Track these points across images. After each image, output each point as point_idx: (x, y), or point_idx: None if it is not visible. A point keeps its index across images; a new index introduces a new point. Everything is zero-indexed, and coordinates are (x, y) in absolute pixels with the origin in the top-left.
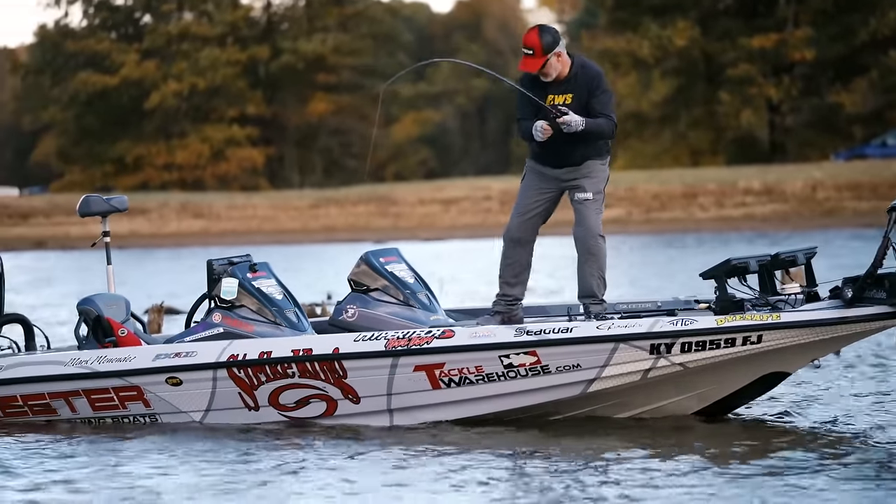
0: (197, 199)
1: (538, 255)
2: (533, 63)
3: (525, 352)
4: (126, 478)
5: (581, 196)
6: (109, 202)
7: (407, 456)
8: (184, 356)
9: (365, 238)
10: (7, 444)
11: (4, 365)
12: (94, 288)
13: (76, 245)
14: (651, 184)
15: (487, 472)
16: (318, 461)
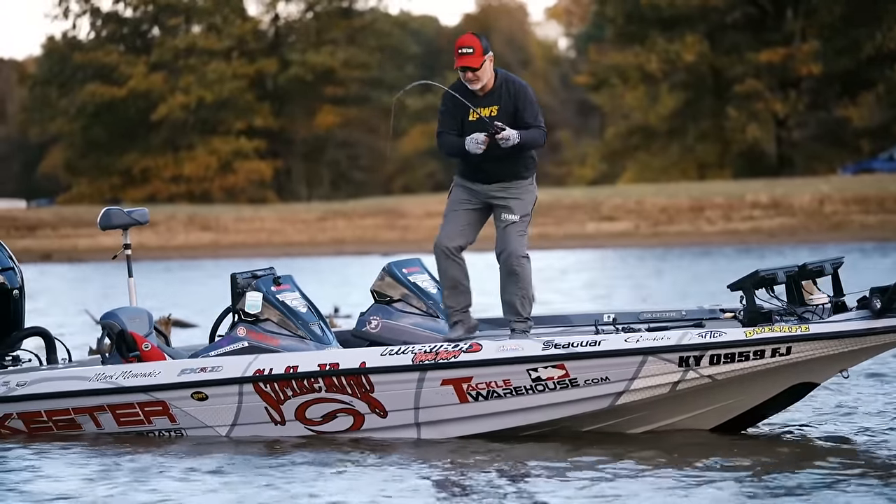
0: (204, 212)
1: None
2: (473, 59)
3: (553, 365)
4: (151, 494)
5: (508, 217)
6: (130, 215)
7: (431, 470)
8: (209, 371)
9: (373, 251)
10: (32, 459)
11: (28, 380)
12: (102, 300)
13: (83, 257)
14: (658, 197)
15: (513, 485)
16: (344, 476)
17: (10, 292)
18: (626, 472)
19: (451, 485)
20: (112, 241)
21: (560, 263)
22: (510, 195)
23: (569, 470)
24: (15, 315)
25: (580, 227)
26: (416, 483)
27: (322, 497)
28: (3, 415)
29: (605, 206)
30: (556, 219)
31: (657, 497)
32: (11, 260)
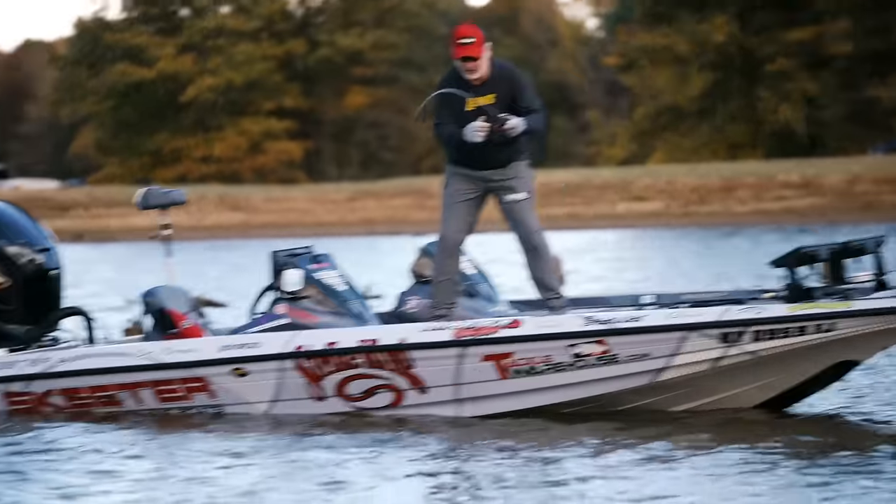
0: (235, 192)
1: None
2: (474, 49)
3: (594, 341)
4: (192, 471)
5: (514, 197)
6: (169, 195)
7: (470, 447)
8: (249, 347)
9: (403, 231)
10: (72, 436)
11: (69, 357)
12: (134, 279)
13: (115, 237)
14: (689, 177)
15: (550, 463)
16: (383, 453)
17: (48, 272)
18: (664, 451)
19: (487, 462)
20: (144, 222)
21: (591, 244)
22: (509, 177)
23: (607, 449)
24: (54, 294)
25: (610, 207)
26: (452, 461)
27: (360, 474)
28: (45, 391)
29: (635, 186)
30: (585, 199)
31: (696, 477)
32: (49, 240)
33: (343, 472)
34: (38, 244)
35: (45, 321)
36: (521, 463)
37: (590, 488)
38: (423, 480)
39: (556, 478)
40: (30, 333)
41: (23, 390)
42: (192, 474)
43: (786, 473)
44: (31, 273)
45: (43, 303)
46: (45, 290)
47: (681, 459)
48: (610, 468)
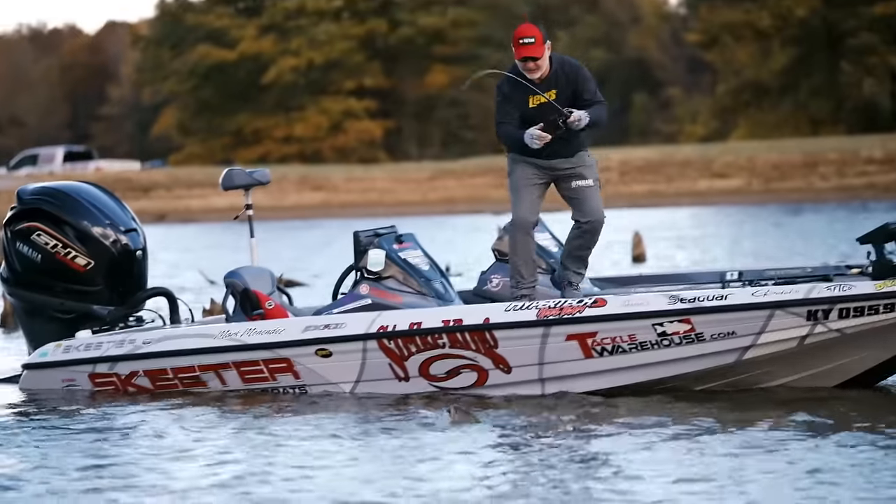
0: (316, 172)
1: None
2: (535, 49)
3: (679, 320)
4: (278, 452)
5: (583, 183)
6: (252, 175)
7: (553, 427)
8: (333, 328)
9: (484, 210)
10: (158, 417)
11: (154, 338)
12: (215, 260)
13: (196, 218)
14: (771, 153)
15: (633, 442)
16: (466, 433)
17: (133, 253)
18: (749, 430)
19: (571, 441)
20: (224, 202)
21: (672, 221)
22: (576, 165)
23: (692, 429)
24: (138, 275)
25: (691, 184)
26: (535, 439)
27: (443, 452)
28: (130, 372)
29: (716, 163)
30: (666, 176)
31: (778, 456)
32: (134, 221)
33: (424, 452)
34: (124, 225)
35: (130, 302)
36: (599, 441)
37: (667, 468)
38: (502, 459)
39: (636, 457)
40: (114, 314)
41: (108, 371)
42: (276, 456)
43: (869, 451)
44: (116, 254)
45: (128, 284)
46: (129, 271)
47: (761, 437)
48: (689, 447)
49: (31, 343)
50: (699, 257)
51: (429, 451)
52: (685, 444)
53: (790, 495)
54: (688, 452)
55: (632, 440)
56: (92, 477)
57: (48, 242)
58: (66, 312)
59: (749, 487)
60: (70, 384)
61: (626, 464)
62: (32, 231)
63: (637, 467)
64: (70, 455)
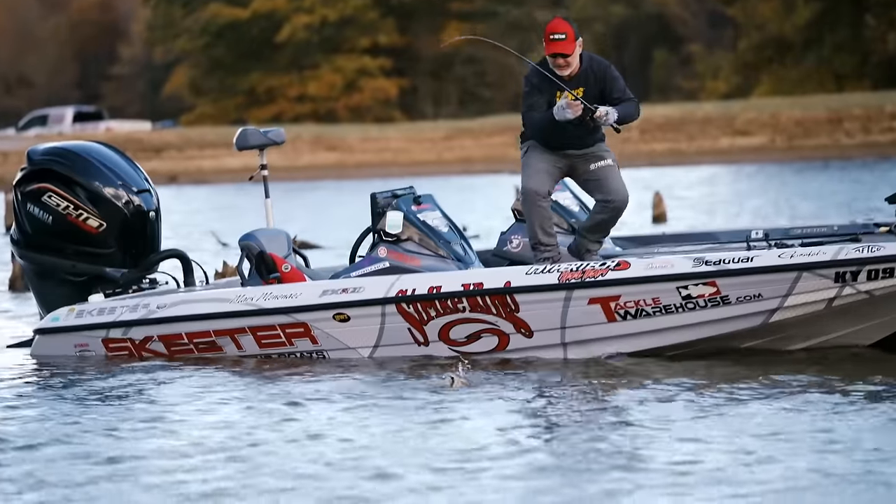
0: (330, 132)
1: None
2: (566, 45)
3: (704, 282)
4: (295, 417)
5: (602, 163)
6: (267, 135)
7: (574, 391)
8: (351, 292)
9: (502, 170)
10: (174, 382)
11: (168, 302)
12: (228, 221)
13: (208, 179)
14: (794, 110)
15: (656, 405)
16: (487, 398)
17: (146, 214)
18: (777, 393)
19: (591, 405)
20: (237, 163)
21: (694, 179)
22: (592, 151)
23: (716, 390)
24: (152, 237)
25: (713, 142)
26: (554, 403)
27: (468, 417)
28: (144, 337)
29: (738, 120)
30: (687, 134)
31: (804, 418)
32: (147, 181)
33: (442, 416)
34: (136, 185)
35: (144, 264)
36: (619, 405)
37: (686, 430)
38: (522, 423)
39: (658, 420)
40: (127, 277)
41: (122, 336)
42: (293, 423)
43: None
44: (128, 215)
45: (141, 245)
46: (142, 233)
47: (786, 398)
48: (714, 411)
49: (43, 307)
50: (721, 217)
51: (447, 416)
52: (709, 408)
53: (823, 462)
54: (712, 416)
55: (654, 404)
56: (106, 444)
57: (59, 204)
58: (77, 275)
59: (774, 451)
60: (83, 350)
61: (646, 427)
62: (43, 192)
63: (658, 431)
64: (84, 421)
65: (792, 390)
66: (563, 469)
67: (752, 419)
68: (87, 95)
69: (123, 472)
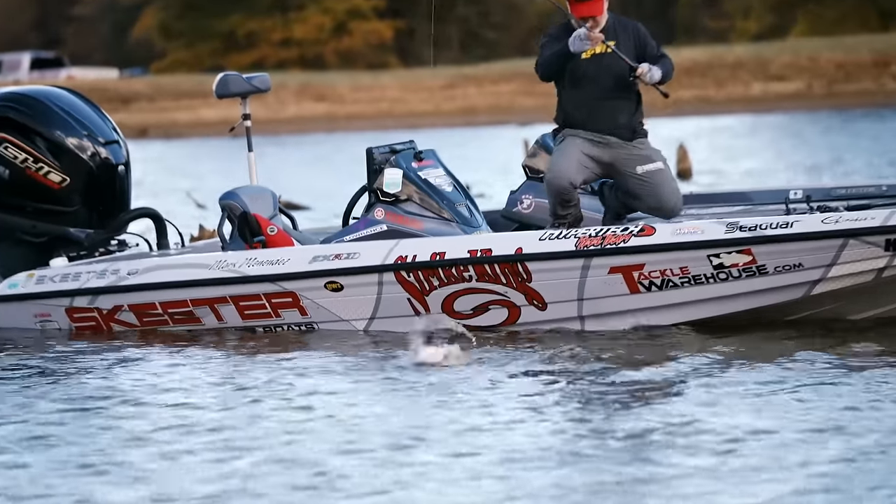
0: (318, 80)
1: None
2: (596, 6)
3: (738, 250)
4: (281, 395)
5: (652, 166)
6: (250, 81)
7: (591, 368)
8: (345, 258)
9: (509, 121)
10: (145, 357)
11: (141, 268)
12: (205, 179)
13: (183, 133)
14: (835, 52)
15: (685, 384)
16: (492, 374)
17: (115, 168)
18: (808, 367)
19: (609, 385)
20: (214, 114)
21: (723, 130)
22: (643, 147)
23: (755, 365)
24: (121, 194)
25: (744, 89)
26: (569, 379)
27: (463, 393)
28: (114, 307)
29: (773, 64)
30: (716, 80)
31: (847, 396)
32: (116, 132)
33: (442, 394)
34: (104, 136)
35: (112, 224)
36: (641, 384)
37: (719, 411)
38: (535, 402)
39: (686, 397)
40: (93, 238)
41: (87, 306)
42: (278, 401)
43: None
44: (95, 169)
45: (108, 203)
46: (110, 189)
47: (823, 374)
48: (747, 388)
49: None
50: (754, 173)
51: (447, 393)
52: (744, 386)
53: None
54: (745, 395)
55: (679, 382)
56: (71, 426)
57: (17, 156)
58: (38, 236)
59: (807, 425)
60: (44, 320)
61: (672, 407)
62: None
63: (686, 411)
64: (47, 401)
65: (837, 368)
66: (581, 457)
67: (795, 400)
68: (45, 40)
69: (87, 462)
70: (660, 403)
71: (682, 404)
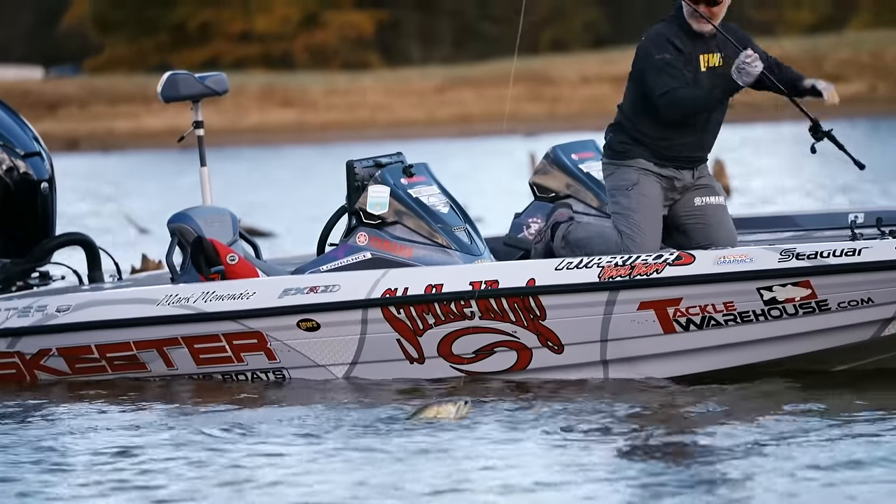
0: (285, 82)
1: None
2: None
3: (794, 282)
4: (243, 464)
5: (713, 200)
6: (203, 82)
7: (614, 428)
8: (322, 291)
9: (512, 130)
10: (76, 413)
11: (73, 304)
12: (149, 200)
13: (121, 144)
14: None
15: (732, 456)
16: (505, 437)
17: (36, 185)
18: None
19: (643, 443)
20: (160, 123)
21: (768, 141)
22: (704, 181)
23: (814, 427)
24: (44, 216)
25: None
26: (588, 441)
27: (467, 457)
28: (39, 351)
29: (828, 62)
30: None
31: None
32: (37, 142)
33: (441, 458)
34: (23, 147)
35: (33, 253)
36: (681, 445)
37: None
38: (546, 464)
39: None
40: (10, 269)
41: (6, 350)
42: (241, 474)
43: None
44: (12, 186)
45: (28, 227)
46: (31, 210)
47: None
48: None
49: None
50: (806, 192)
51: (447, 458)
52: (794, 451)
53: None
54: (798, 462)
55: (727, 443)
56: None
57: None
58: None
59: None
60: None
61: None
62: None
63: (731, 479)
64: None
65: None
66: None
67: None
68: None
69: None
70: (700, 477)
71: (725, 483)
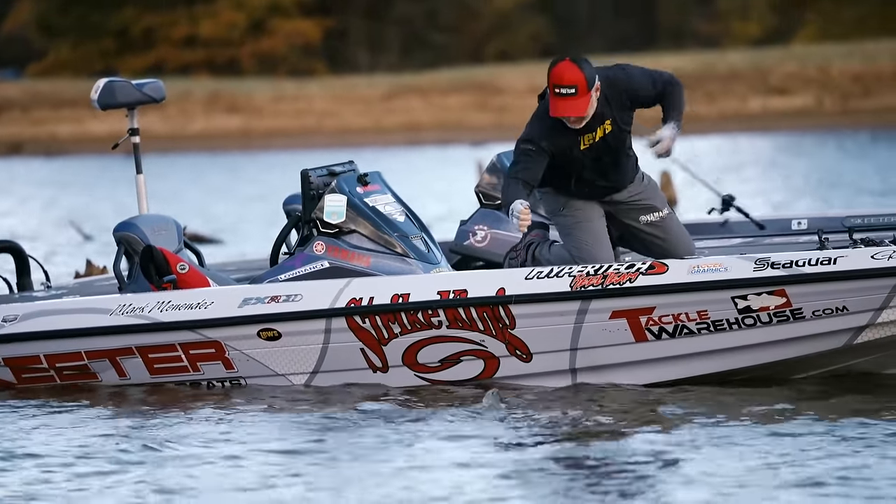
0: (231, 88)
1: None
2: (577, 105)
3: (769, 291)
4: (198, 475)
5: (660, 213)
6: (141, 89)
7: (586, 430)
8: (284, 301)
9: (458, 139)
10: (23, 426)
11: (20, 313)
12: (92, 207)
13: (65, 149)
14: (851, 61)
15: (702, 454)
16: (467, 441)
17: None
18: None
19: (608, 449)
20: (104, 128)
21: (715, 153)
22: (640, 191)
23: (789, 433)
24: None
25: (740, 104)
26: (556, 446)
27: (435, 465)
28: None
29: (774, 75)
30: (707, 93)
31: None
32: None
33: (403, 469)
34: None
35: None
36: (647, 452)
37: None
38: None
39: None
40: None
41: None
42: (197, 483)
43: None
44: None
45: None
46: None
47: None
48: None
49: None
50: (755, 203)
51: (411, 466)
52: (764, 451)
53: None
54: (770, 464)
55: (694, 450)
56: None
57: None
58: None
59: None
60: None
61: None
62: None
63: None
64: None
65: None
66: None
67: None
68: None
69: None
70: (664, 483)
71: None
